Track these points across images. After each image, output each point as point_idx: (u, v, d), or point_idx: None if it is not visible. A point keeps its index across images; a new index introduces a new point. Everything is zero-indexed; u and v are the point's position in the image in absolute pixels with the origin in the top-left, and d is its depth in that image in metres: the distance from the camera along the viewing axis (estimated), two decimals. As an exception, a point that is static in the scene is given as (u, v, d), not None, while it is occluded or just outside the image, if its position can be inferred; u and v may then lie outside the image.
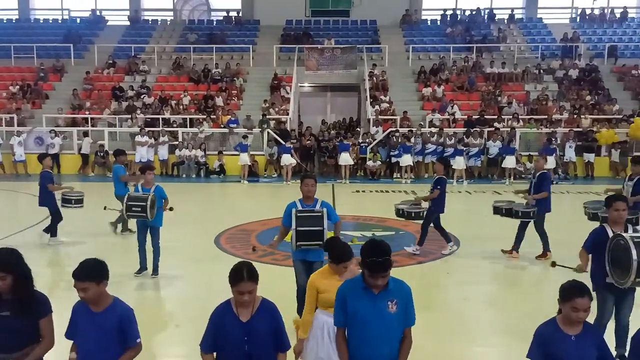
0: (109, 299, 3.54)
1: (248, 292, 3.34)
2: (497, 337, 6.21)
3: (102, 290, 3.47)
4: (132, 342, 3.52)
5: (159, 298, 7.58)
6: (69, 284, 3.54)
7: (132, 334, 3.52)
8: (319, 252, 5.73)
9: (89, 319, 3.47)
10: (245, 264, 3.43)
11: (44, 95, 23.04)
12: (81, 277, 3.40)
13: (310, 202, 5.97)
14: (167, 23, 29.35)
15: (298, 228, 5.67)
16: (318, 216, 5.75)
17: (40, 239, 9.62)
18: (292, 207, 5.92)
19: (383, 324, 3.37)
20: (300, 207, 5.91)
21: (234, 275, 3.36)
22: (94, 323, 3.45)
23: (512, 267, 8.73)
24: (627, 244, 4.66)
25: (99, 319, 3.46)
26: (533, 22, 28.41)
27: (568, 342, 3.43)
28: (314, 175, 6.13)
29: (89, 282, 3.40)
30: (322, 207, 5.90)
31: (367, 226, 10.86)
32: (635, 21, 28.33)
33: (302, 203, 5.98)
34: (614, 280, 4.87)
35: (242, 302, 3.38)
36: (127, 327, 3.50)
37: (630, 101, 22.02)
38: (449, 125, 20.07)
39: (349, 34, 27.16)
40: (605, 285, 5.04)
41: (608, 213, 5.27)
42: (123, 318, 3.50)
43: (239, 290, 3.33)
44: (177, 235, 9.86)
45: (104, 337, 3.44)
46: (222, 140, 20.28)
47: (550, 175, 9.55)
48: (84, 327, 3.48)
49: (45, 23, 29.32)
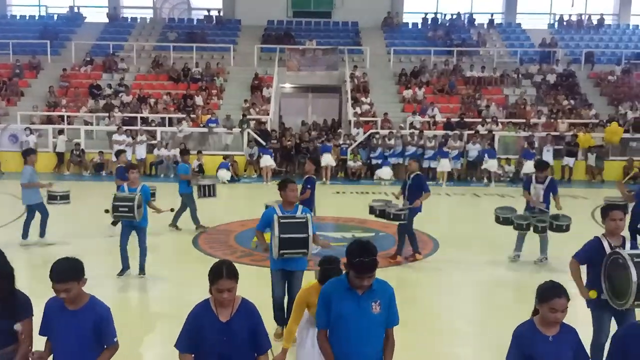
0: (85, 297, 3.45)
1: (227, 290, 3.26)
2: (474, 338, 6.22)
3: (81, 288, 3.40)
4: (109, 341, 3.44)
5: (141, 298, 7.46)
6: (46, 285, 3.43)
7: (110, 332, 3.44)
8: (301, 261, 5.58)
9: (65, 317, 3.37)
10: (224, 262, 3.37)
11: (19, 92, 22.57)
12: (63, 278, 3.30)
13: (290, 208, 5.74)
14: (147, 21, 29.02)
15: (282, 235, 5.31)
16: (302, 223, 5.45)
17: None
18: (272, 212, 5.63)
19: (367, 324, 3.37)
20: (280, 213, 5.63)
21: (213, 273, 3.28)
22: (71, 321, 3.36)
23: (489, 268, 8.79)
24: (625, 263, 4.26)
25: (76, 318, 3.37)
26: (512, 27, 28.75)
27: (546, 343, 3.43)
28: (294, 180, 5.94)
29: (71, 282, 3.31)
30: (303, 213, 5.68)
31: (347, 227, 10.84)
32: (612, 28, 28.88)
33: (282, 209, 5.72)
34: (610, 300, 4.49)
35: (221, 301, 3.29)
36: (105, 326, 3.42)
37: (607, 106, 22.41)
38: (429, 127, 20.18)
39: (330, 35, 27.15)
40: (600, 303, 4.62)
41: (605, 223, 4.85)
42: (100, 317, 3.41)
43: (218, 288, 3.25)
44: (156, 235, 9.70)
45: (80, 335, 3.35)
46: (201, 140, 20.09)
47: (424, 177, 9.60)
48: (59, 326, 3.38)
49: (22, 19, 28.74)
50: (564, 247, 6.91)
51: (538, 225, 8.52)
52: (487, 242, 10.01)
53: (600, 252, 4.65)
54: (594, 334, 4.76)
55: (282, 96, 24.39)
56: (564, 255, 5.83)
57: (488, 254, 9.26)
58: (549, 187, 8.70)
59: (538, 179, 8.75)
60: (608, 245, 4.69)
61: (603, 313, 4.68)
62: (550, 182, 8.75)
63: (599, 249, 4.70)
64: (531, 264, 8.72)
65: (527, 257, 8.88)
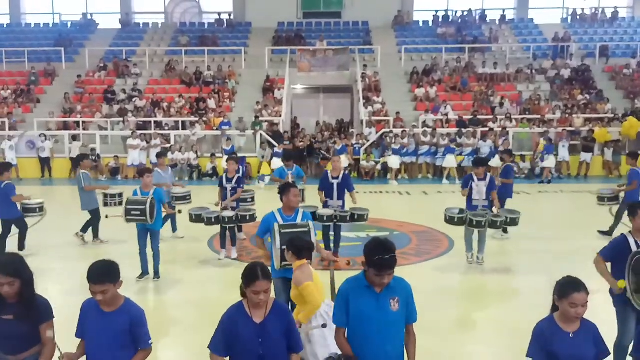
0: (121, 299, 3.49)
1: (264, 291, 3.28)
2: (491, 336, 6.17)
3: (117, 290, 3.44)
4: (144, 343, 3.48)
5: (161, 302, 7.50)
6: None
7: (144, 335, 3.48)
8: None
9: (99, 319, 3.41)
10: (257, 264, 3.40)
11: (35, 99, 22.88)
12: (100, 279, 3.35)
13: (291, 213, 5.56)
14: (159, 26, 29.24)
15: (283, 247, 4.89)
16: (305, 231, 5.18)
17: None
18: (272, 220, 5.43)
19: (387, 322, 3.37)
20: (280, 219, 5.45)
21: (249, 275, 3.30)
22: (105, 323, 3.40)
23: (497, 269, 8.71)
24: None
25: (110, 319, 3.40)
26: (524, 22, 28.49)
27: (567, 340, 3.40)
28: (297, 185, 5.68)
29: (108, 283, 3.36)
30: (304, 220, 5.47)
31: (362, 227, 10.80)
32: (626, 21, 28.49)
33: (282, 214, 5.53)
34: (633, 299, 4.38)
35: (257, 303, 3.31)
36: (139, 329, 3.45)
37: (622, 100, 22.10)
38: (442, 125, 20.07)
39: (341, 36, 27.14)
40: (626, 301, 4.49)
41: (632, 222, 4.71)
42: (135, 319, 3.45)
43: (255, 290, 3.27)
44: (171, 238, 9.77)
45: (114, 337, 3.38)
46: (214, 143, 20.18)
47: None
48: (93, 327, 3.42)
49: (37, 27, 29.11)
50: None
51: (497, 221, 8.29)
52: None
53: (626, 250, 4.53)
54: (618, 335, 4.65)
55: (293, 97, 24.42)
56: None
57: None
58: (490, 184, 8.56)
59: (478, 176, 8.56)
60: (635, 243, 4.57)
61: (628, 313, 4.56)
62: (490, 179, 8.63)
63: (625, 246, 4.57)
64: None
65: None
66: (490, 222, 8.28)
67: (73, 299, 4.44)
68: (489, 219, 8.28)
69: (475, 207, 8.52)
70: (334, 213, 8.61)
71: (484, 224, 8.22)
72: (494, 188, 8.64)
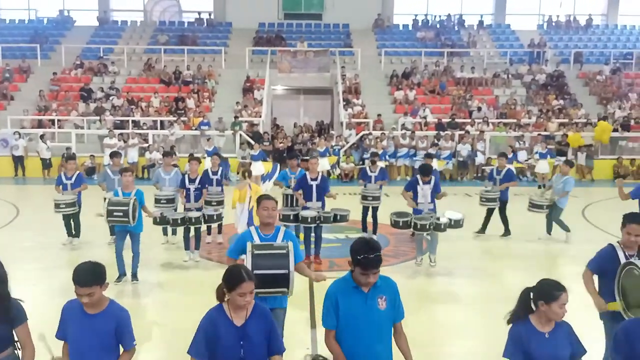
0: (105, 301, 3.45)
1: (249, 292, 3.27)
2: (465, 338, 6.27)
3: (102, 292, 3.41)
4: (128, 344, 3.45)
5: (139, 305, 7.37)
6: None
7: (129, 337, 3.45)
8: (281, 298, 4.61)
9: (84, 321, 3.36)
10: (239, 265, 3.41)
11: (9, 96, 22.42)
12: (86, 282, 3.30)
13: (270, 232, 4.65)
14: (137, 24, 28.89)
15: (256, 272, 3.95)
16: (282, 254, 4.38)
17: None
18: (247, 239, 4.57)
19: (375, 321, 3.41)
20: (257, 238, 4.59)
21: (234, 278, 3.26)
22: (89, 325, 3.35)
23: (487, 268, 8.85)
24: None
25: (95, 322, 3.36)
26: (501, 28, 28.93)
27: (542, 340, 3.48)
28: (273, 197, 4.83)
29: (95, 285, 3.31)
30: (285, 240, 4.58)
31: (341, 228, 10.86)
32: (600, 28, 29.14)
33: (259, 233, 4.65)
34: (624, 312, 4.16)
35: (243, 305, 3.28)
36: (124, 330, 3.42)
37: (595, 106, 22.61)
38: (421, 128, 20.27)
39: (321, 37, 27.21)
40: (613, 315, 4.30)
41: (622, 234, 4.45)
42: (121, 321, 3.42)
43: (241, 292, 3.24)
44: (147, 239, 9.66)
45: (99, 339, 3.35)
46: (193, 143, 20.04)
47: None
48: (77, 330, 3.37)
49: (12, 23, 28.52)
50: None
51: (441, 224, 8.38)
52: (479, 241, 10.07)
53: (614, 261, 4.34)
54: (608, 349, 4.40)
55: (274, 98, 24.39)
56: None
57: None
58: (435, 187, 8.71)
59: (424, 180, 8.69)
60: (623, 254, 4.37)
61: (615, 326, 4.27)
62: (435, 182, 8.76)
63: (613, 258, 4.38)
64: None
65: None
66: (435, 225, 8.36)
67: (50, 301, 4.40)
68: (433, 222, 8.36)
69: (421, 210, 8.59)
70: (317, 214, 8.62)
71: (428, 227, 8.31)
72: (438, 191, 8.77)
